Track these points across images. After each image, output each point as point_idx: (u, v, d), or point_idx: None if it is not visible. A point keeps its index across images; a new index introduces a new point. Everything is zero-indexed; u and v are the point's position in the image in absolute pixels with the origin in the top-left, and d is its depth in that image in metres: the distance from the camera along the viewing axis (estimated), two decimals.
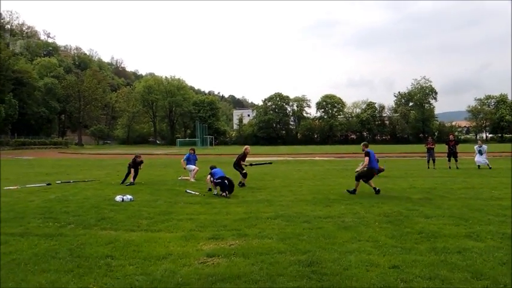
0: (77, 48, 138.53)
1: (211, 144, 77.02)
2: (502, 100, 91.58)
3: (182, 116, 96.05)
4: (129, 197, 10.11)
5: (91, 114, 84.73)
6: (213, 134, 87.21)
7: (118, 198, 9.99)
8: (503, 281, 4.28)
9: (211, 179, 10.86)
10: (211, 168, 11.33)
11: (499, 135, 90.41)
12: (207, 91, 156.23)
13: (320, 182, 13.81)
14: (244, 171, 13.04)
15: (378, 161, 10.80)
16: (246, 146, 14.21)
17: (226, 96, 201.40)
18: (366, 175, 10.85)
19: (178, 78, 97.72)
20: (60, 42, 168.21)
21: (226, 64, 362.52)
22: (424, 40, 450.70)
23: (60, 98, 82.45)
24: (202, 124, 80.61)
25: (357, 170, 11.33)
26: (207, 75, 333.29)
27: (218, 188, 10.77)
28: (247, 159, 13.78)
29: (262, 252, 5.47)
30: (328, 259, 5.12)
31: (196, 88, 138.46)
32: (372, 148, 11.32)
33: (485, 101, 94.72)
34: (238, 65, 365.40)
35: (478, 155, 18.97)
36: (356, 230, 6.67)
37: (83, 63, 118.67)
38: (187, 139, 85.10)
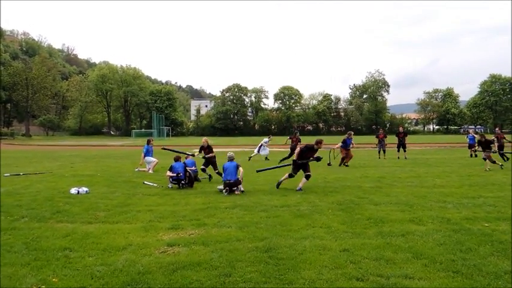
0: (24, 34, 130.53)
1: (167, 135, 75.91)
2: (448, 93, 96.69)
3: (138, 106, 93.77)
4: (85, 189, 9.95)
5: (40, 103, 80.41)
6: (170, 125, 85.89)
7: (73, 190, 9.80)
8: (440, 259, 4.73)
9: (169, 173, 10.84)
10: (175, 160, 11.28)
11: (445, 127, 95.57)
12: (164, 81, 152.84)
13: (277, 173, 14.11)
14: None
15: None
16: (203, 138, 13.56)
17: (184, 86, 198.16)
18: None
19: (134, 67, 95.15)
20: (6, 26, 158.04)
21: (184, 54, 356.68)
22: (381, 34, 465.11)
23: (6, 86, 77.76)
24: (159, 115, 79.19)
25: None
26: (165, 65, 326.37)
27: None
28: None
29: (221, 240, 5.66)
30: (284, 245, 5.40)
31: (153, 78, 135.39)
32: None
33: (433, 94, 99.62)
34: (196, 55, 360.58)
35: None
36: (310, 217, 7.02)
37: (31, 49, 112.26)
38: (143, 130, 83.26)
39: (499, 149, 17.73)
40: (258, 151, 21.04)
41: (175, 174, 10.66)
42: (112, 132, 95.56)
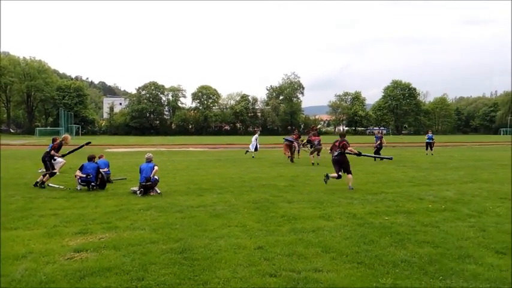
0: None
1: (77, 133, 71.17)
2: (356, 97, 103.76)
3: (43, 102, 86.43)
4: None
5: None
6: (80, 122, 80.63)
7: None
8: (346, 252, 5.06)
9: (78, 173, 10.18)
10: (88, 159, 10.61)
11: (353, 128, 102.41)
12: (73, 76, 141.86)
13: (193, 173, 14.05)
14: (55, 170, 11.05)
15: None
16: (64, 135, 12.04)
17: (96, 82, 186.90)
18: None
19: (40, 60, 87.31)
20: None
21: (97, 48, 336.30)
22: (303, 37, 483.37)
23: None
24: (67, 112, 73.81)
25: None
26: (74, 59, 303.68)
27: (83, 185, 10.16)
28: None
29: (134, 243, 5.46)
30: (200, 245, 5.37)
31: (61, 72, 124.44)
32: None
33: (343, 97, 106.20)
34: (110, 50, 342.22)
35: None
36: (226, 216, 7.07)
37: None
38: (48, 128, 77.03)
39: (378, 149, 19.68)
40: (256, 148, 21.58)
41: (84, 175, 10.04)
42: (12, 130, 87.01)
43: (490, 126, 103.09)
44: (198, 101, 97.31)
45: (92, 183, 10.03)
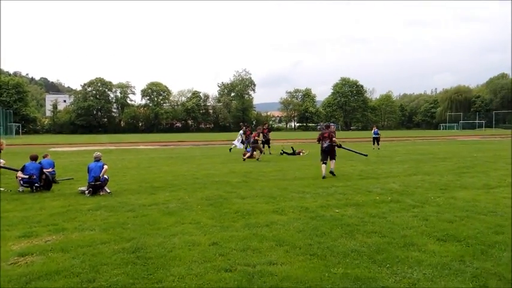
0: None
1: (17, 133, 67.15)
2: (307, 94, 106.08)
3: None
4: None
5: None
6: (21, 121, 76.13)
7: None
8: (299, 245, 5.19)
9: (20, 174, 9.63)
10: (30, 159, 10.05)
11: (304, 124, 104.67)
12: (11, 71, 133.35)
13: (144, 171, 13.75)
14: None
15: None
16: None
17: (37, 78, 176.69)
18: None
19: None
20: None
21: (37, 42, 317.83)
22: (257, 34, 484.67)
23: None
24: (6, 110, 69.41)
25: None
26: (12, 53, 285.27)
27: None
28: None
29: (83, 244, 5.28)
30: (153, 244, 5.29)
31: None
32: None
33: (294, 94, 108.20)
34: (51, 44, 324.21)
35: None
36: (180, 214, 7.01)
37: None
38: None
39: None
40: (239, 144, 22.46)
41: (27, 176, 9.51)
42: None
43: (431, 122, 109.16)
44: (147, 97, 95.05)
45: (36, 184, 9.53)
